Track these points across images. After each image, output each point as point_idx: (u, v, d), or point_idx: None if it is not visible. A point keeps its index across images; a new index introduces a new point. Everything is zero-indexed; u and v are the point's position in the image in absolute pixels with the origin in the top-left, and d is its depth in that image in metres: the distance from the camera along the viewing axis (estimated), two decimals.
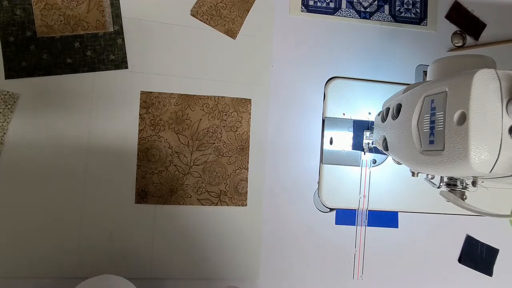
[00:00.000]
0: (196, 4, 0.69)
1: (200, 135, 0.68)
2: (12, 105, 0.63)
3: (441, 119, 0.44)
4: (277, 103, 0.71)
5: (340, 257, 0.71)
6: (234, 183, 0.69)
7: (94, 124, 0.65)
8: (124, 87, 0.66)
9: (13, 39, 0.63)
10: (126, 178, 0.66)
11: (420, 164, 0.48)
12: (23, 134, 0.63)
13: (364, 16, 0.73)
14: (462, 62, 0.50)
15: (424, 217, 0.73)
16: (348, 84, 0.71)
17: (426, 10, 0.75)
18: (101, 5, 0.65)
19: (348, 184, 0.70)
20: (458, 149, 0.41)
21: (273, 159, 0.70)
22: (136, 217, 0.66)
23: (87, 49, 0.65)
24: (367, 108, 0.71)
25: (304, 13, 0.72)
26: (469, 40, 0.76)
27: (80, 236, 0.64)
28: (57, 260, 0.64)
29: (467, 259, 0.74)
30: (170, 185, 0.67)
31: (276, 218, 0.70)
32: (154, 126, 0.67)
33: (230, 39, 0.70)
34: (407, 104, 0.51)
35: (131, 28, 0.67)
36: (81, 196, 0.65)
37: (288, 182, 0.70)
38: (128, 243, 0.66)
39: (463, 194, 0.51)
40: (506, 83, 0.40)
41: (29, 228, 0.63)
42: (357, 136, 0.70)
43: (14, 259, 0.63)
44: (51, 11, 0.64)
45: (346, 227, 0.71)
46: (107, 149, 0.66)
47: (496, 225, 0.75)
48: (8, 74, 0.63)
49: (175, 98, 0.68)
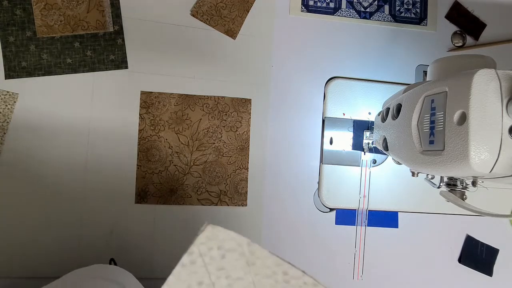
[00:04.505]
0: (196, 4, 0.69)
1: (200, 135, 0.68)
2: (12, 105, 0.63)
3: (441, 119, 0.44)
4: (277, 103, 0.71)
5: (340, 257, 0.71)
6: (234, 183, 0.69)
7: (94, 124, 0.65)
8: (124, 87, 0.66)
9: (13, 39, 0.63)
10: (126, 178, 0.66)
11: (420, 164, 0.48)
12: (23, 134, 0.63)
13: (364, 16, 0.73)
14: (462, 62, 0.50)
15: (424, 217, 0.73)
16: (348, 84, 0.71)
17: (426, 10, 0.75)
18: (101, 5, 0.65)
19: (348, 184, 0.70)
20: (458, 149, 0.41)
21: (273, 159, 0.70)
22: (136, 217, 0.66)
23: (87, 49, 0.65)
24: (367, 108, 0.71)
25: (304, 13, 0.72)
26: (469, 40, 0.76)
27: (80, 236, 0.64)
28: (57, 260, 0.64)
29: (467, 259, 0.74)
30: (170, 185, 0.67)
31: (276, 218, 0.70)
32: (154, 126, 0.67)
33: (230, 39, 0.70)
34: (407, 104, 0.51)
35: (131, 28, 0.67)
36: (81, 196, 0.65)
37: (288, 182, 0.70)
38: (128, 243, 0.66)
39: (463, 194, 0.51)
40: (506, 83, 0.40)
41: (29, 228, 0.63)
42: (357, 136, 0.70)
43: (14, 259, 0.63)
44: (51, 11, 0.64)
45: (346, 227, 0.71)
46: (107, 149, 0.66)
47: (496, 225, 0.75)
48: (8, 74, 0.63)
49: (175, 98, 0.68)
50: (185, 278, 0.27)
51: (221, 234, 0.27)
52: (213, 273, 0.27)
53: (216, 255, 0.27)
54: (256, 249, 0.28)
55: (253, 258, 0.27)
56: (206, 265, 0.27)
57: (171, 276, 0.27)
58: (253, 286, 0.27)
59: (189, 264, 0.27)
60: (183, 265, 0.27)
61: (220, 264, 0.27)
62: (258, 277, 0.27)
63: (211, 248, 0.27)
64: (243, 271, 0.27)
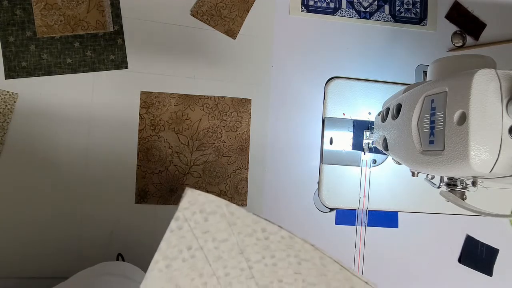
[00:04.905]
0: (196, 4, 0.69)
1: (200, 135, 0.68)
2: (12, 105, 0.63)
3: (441, 119, 0.44)
4: (277, 103, 0.71)
5: (340, 257, 0.71)
6: (234, 183, 0.69)
7: (94, 125, 0.65)
8: (124, 87, 0.66)
9: (13, 39, 0.63)
10: (126, 178, 0.66)
11: (420, 164, 0.48)
12: (23, 134, 0.63)
13: (364, 16, 0.73)
14: (462, 62, 0.50)
15: (424, 217, 0.73)
16: (348, 84, 0.71)
17: (426, 10, 0.75)
18: (101, 5, 0.65)
19: (348, 184, 0.70)
20: (458, 149, 0.41)
21: (273, 159, 0.70)
22: (136, 217, 0.66)
23: (87, 49, 0.65)
24: (367, 108, 0.71)
25: (304, 13, 0.72)
26: (469, 40, 0.76)
27: (80, 236, 0.64)
28: (57, 260, 0.64)
29: (467, 259, 0.74)
30: (170, 185, 0.67)
31: (276, 218, 0.70)
32: (154, 126, 0.67)
33: (230, 39, 0.70)
34: (407, 104, 0.51)
35: (131, 28, 0.67)
36: (81, 196, 0.65)
37: (288, 182, 0.70)
38: (128, 243, 0.65)
39: (463, 194, 0.51)
40: (506, 83, 0.40)
41: (29, 228, 0.63)
42: (357, 136, 0.70)
43: (14, 260, 0.63)
44: (51, 11, 0.64)
45: (346, 227, 0.71)
46: (107, 149, 0.66)
47: (496, 225, 0.75)
48: (8, 74, 0.63)
49: (175, 98, 0.68)
50: (175, 243, 0.28)
51: (201, 197, 0.29)
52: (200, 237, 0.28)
53: (200, 218, 0.28)
54: (234, 209, 0.29)
55: (233, 219, 0.29)
56: (192, 230, 0.28)
57: (163, 242, 0.28)
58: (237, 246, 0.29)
59: (177, 229, 0.28)
60: (172, 231, 0.28)
61: (205, 227, 0.29)
62: (241, 236, 0.29)
63: (194, 213, 0.28)
64: (227, 233, 0.29)
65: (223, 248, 0.29)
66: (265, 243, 0.29)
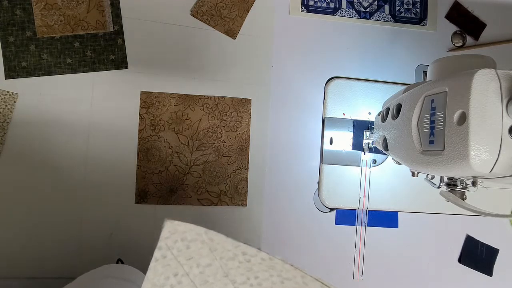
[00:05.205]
0: (196, 4, 0.69)
1: (200, 135, 0.68)
2: (12, 105, 0.63)
3: (441, 119, 0.44)
4: (277, 103, 0.71)
5: (340, 257, 0.71)
6: (234, 183, 0.69)
7: (94, 124, 0.65)
8: (124, 87, 0.66)
9: (13, 39, 0.63)
10: (126, 178, 0.66)
11: (420, 164, 0.48)
12: (23, 134, 0.63)
13: (364, 16, 0.73)
14: (462, 62, 0.50)
15: (424, 217, 0.73)
16: (348, 84, 0.71)
17: (426, 10, 0.75)
18: (101, 5, 0.65)
19: (348, 184, 0.70)
20: (458, 149, 0.41)
21: (273, 159, 0.70)
22: (136, 217, 0.66)
23: (87, 49, 0.65)
24: (367, 108, 0.71)
25: (304, 13, 0.72)
26: (469, 40, 0.76)
27: (81, 236, 0.64)
28: (57, 261, 0.64)
29: (467, 259, 0.74)
30: (170, 185, 0.67)
31: (276, 218, 0.70)
32: (154, 126, 0.67)
33: (230, 39, 0.70)
34: (407, 104, 0.51)
35: (131, 28, 0.67)
36: (82, 196, 0.65)
37: (288, 182, 0.70)
38: (128, 243, 0.66)
39: (463, 194, 0.51)
40: (506, 83, 0.40)
41: (29, 229, 0.63)
42: (357, 136, 0.70)
43: (14, 260, 0.63)
44: (51, 11, 0.64)
45: (346, 227, 0.71)
46: (107, 149, 0.66)
47: (496, 225, 0.75)
48: (8, 74, 0.63)
49: (175, 98, 0.68)
50: (162, 271, 0.29)
51: (180, 227, 0.30)
52: (184, 264, 0.30)
53: (182, 246, 0.30)
54: (213, 235, 0.30)
55: (213, 244, 0.30)
56: (176, 257, 0.30)
57: (149, 271, 0.29)
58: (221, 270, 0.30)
59: (161, 258, 0.29)
60: (157, 260, 0.29)
61: (188, 254, 0.30)
62: (223, 261, 0.30)
63: (176, 241, 0.30)
64: (209, 258, 0.30)
65: (208, 273, 0.30)
66: (248, 265, 0.30)
